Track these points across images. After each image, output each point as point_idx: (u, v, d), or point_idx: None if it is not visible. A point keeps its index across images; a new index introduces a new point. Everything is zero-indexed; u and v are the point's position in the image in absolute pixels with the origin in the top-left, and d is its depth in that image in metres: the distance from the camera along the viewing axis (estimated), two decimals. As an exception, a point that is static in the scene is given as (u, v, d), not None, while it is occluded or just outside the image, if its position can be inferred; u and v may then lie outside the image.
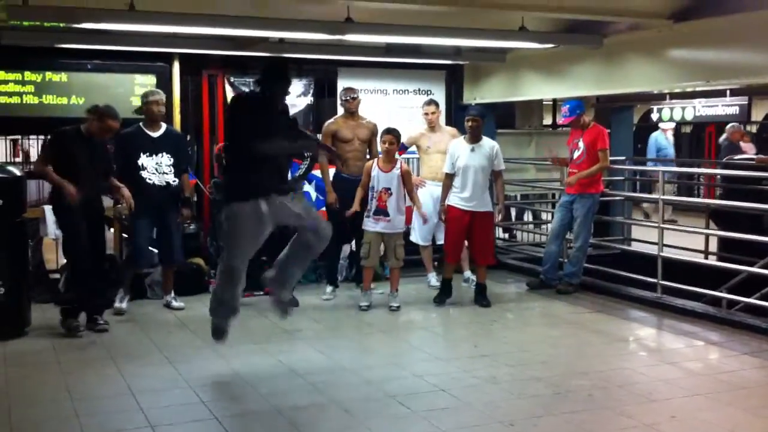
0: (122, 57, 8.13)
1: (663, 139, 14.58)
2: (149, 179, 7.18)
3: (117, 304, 7.14)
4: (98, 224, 6.74)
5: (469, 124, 7.46)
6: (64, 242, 6.76)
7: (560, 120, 8.26)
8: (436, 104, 8.47)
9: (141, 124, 7.29)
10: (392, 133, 7.35)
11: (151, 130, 7.26)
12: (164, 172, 7.23)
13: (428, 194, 8.11)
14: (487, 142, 7.55)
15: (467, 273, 8.48)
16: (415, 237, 8.31)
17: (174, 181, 7.30)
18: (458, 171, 7.44)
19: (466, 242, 7.71)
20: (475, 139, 7.47)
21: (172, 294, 7.45)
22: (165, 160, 7.23)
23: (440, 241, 8.17)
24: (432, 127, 8.38)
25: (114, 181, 6.77)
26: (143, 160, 7.17)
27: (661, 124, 15.38)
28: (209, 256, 8.27)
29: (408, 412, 4.76)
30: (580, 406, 4.86)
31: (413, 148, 8.55)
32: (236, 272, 5.40)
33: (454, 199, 7.49)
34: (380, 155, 7.51)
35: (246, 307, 7.39)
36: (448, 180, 7.54)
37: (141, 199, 7.02)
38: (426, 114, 8.37)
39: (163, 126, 7.35)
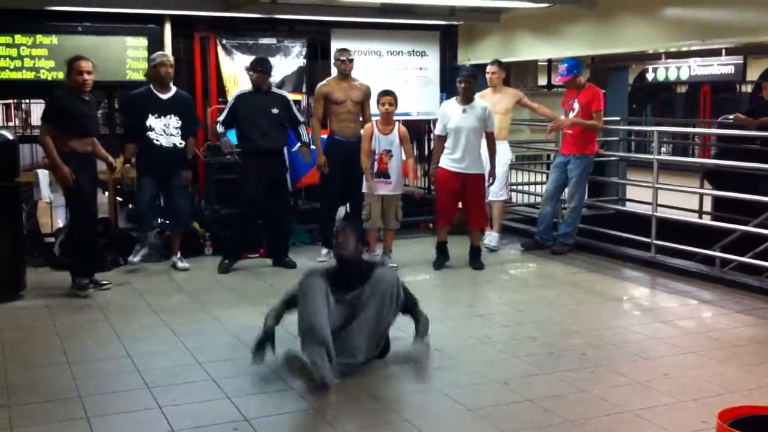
0: (113, 19, 8.06)
1: None
2: (156, 140, 7.22)
3: (131, 258, 7.33)
4: (92, 187, 6.71)
5: (462, 85, 7.38)
6: (68, 202, 6.66)
7: (556, 79, 8.20)
8: (500, 64, 8.44)
9: (150, 86, 7.29)
10: (391, 94, 7.31)
11: (161, 92, 7.28)
12: (171, 134, 7.26)
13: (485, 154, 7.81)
14: (479, 102, 7.48)
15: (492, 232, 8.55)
16: None
17: (180, 143, 7.33)
18: (450, 132, 7.38)
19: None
20: (466, 100, 7.40)
21: (179, 255, 7.51)
22: (173, 122, 7.26)
23: (492, 199, 8.33)
24: (494, 86, 8.35)
25: (99, 149, 6.74)
26: (151, 121, 7.21)
27: None
28: (204, 220, 8.28)
29: (403, 371, 4.79)
30: (574, 364, 4.89)
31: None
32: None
33: (446, 161, 7.40)
34: (377, 118, 7.46)
35: (242, 269, 7.45)
36: (440, 142, 7.50)
37: (147, 160, 7.11)
38: (487, 73, 8.34)
39: (173, 88, 7.36)
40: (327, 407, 4.21)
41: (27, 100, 8.18)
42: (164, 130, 7.23)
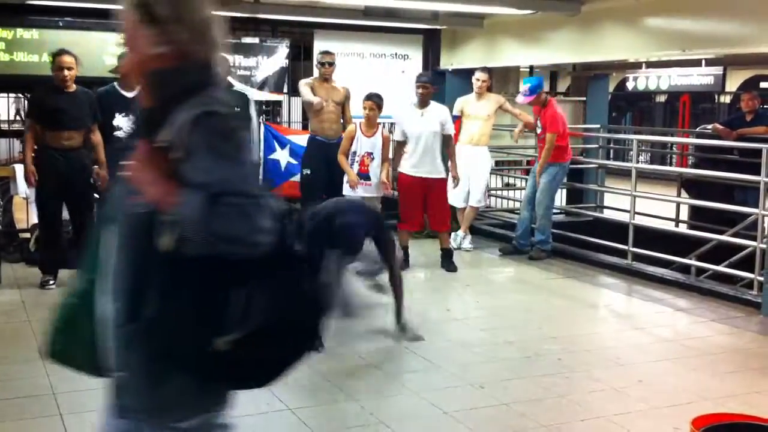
0: (94, 15, 8.00)
1: None
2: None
3: None
4: (81, 186, 6.56)
5: (420, 90, 7.43)
6: (36, 203, 6.71)
7: (520, 99, 8.17)
8: (489, 71, 8.49)
9: (115, 83, 7.18)
10: (372, 99, 7.32)
11: (126, 90, 7.15)
12: None
13: (462, 158, 7.98)
14: (436, 106, 7.54)
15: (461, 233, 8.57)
16: (451, 200, 8.28)
17: None
18: (409, 137, 7.42)
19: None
20: (424, 104, 7.45)
21: None
22: None
23: (471, 203, 8.47)
24: (480, 93, 8.37)
25: (98, 153, 6.66)
26: (118, 120, 7.08)
27: None
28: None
29: (381, 373, 4.80)
30: (550, 369, 4.92)
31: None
32: None
33: (407, 167, 7.42)
34: (361, 119, 7.45)
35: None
36: (400, 147, 7.53)
37: (117, 159, 6.96)
38: (477, 80, 8.37)
39: (138, 86, 7.24)
40: (302, 408, 4.21)
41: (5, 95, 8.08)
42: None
